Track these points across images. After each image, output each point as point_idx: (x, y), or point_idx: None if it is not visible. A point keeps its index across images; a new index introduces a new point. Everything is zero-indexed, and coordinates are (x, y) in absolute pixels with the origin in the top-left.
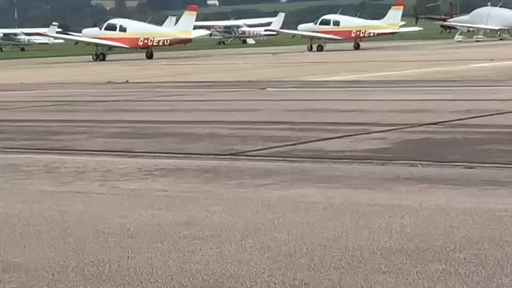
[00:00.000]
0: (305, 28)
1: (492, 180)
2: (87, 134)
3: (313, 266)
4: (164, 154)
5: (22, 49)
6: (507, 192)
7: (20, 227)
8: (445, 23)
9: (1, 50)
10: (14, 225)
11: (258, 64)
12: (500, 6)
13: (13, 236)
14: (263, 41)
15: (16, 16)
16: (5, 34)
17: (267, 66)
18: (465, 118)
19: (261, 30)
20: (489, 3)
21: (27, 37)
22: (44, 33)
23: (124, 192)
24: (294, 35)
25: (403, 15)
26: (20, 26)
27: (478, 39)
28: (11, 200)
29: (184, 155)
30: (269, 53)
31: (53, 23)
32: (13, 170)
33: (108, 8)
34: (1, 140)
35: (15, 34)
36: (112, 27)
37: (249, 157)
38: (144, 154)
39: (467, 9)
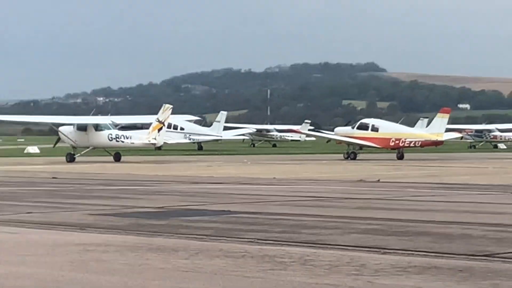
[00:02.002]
0: None
1: None
2: (340, 229)
3: None
4: (417, 252)
5: (274, 145)
6: None
7: None
8: None
9: (254, 146)
10: None
11: (510, 169)
12: None
13: None
14: None
15: (268, 113)
16: (258, 130)
17: None
18: None
19: None
20: None
21: (279, 134)
22: (297, 130)
23: (379, 287)
24: None
25: None
26: (272, 122)
27: None
28: None
29: (437, 254)
30: None
31: (306, 120)
32: (268, 261)
33: (359, 108)
34: (255, 232)
35: (268, 131)
36: (364, 127)
37: (503, 259)
38: (397, 251)
39: None
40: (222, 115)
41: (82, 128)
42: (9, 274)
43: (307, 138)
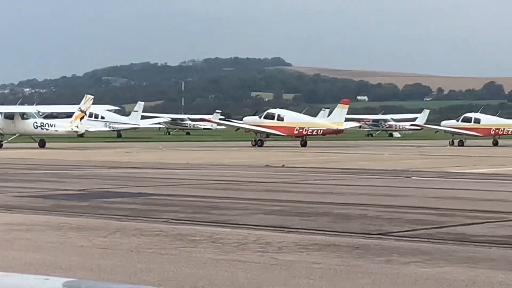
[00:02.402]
0: (448, 125)
1: None
2: (247, 210)
3: None
4: (318, 231)
5: (188, 133)
6: None
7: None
8: None
9: (169, 133)
10: (182, 286)
11: (404, 155)
12: None
13: None
14: (408, 135)
15: (183, 103)
16: (172, 119)
17: (412, 157)
18: None
19: (406, 125)
20: None
21: (192, 123)
22: (208, 119)
23: (282, 263)
24: (437, 131)
25: None
26: (186, 112)
27: None
28: (172, 265)
29: (336, 233)
30: (413, 146)
31: (217, 110)
32: (180, 239)
33: (266, 99)
34: (169, 212)
35: (182, 120)
36: (271, 116)
37: (396, 237)
38: (299, 230)
39: None
40: (140, 105)
41: (9, 116)
42: None
43: (218, 127)
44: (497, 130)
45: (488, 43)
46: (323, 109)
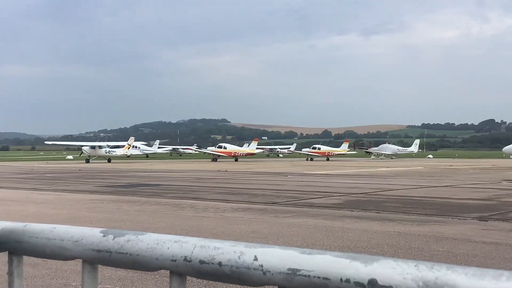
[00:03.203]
0: (305, 150)
1: (386, 219)
2: (208, 192)
3: (306, 246)
4: (241, 202)
5: (180, 155)
6: (392, 224)
7: (175, 231)
8: (367, 150)
9: (171, 155)
10: (177, 229)
11: (284, 165)
12: (392, 144)
13: (170, 229)
14: (287, 155)
15: (178, 141)
16: (173, 149)
17: (289, 166)
18: (375, 191)
19: (285, 150)
20: (387, 142)
21: (183, 150)
22: (190, 148)
23: (225, 217)
24: (300, 153)
25: (348, 146)
26: (180, 145)
27: (381, 159)
28: (172, 219)
29: (251, 202)
30: (289, 161)
31: (195, 144)
32: (175, 205)
33: (218, 138)
34: (171, 193)
35: (177, 149)
36: (220, 147)
37: (280, 205)
38: (233, 201)
39: (377, 144)
40: (157, 142)
41: (93, 147)
42: (54, 213)
43: (195, 152)
44: (328, 153)
45: (329, 112)
46: (246, 143)
